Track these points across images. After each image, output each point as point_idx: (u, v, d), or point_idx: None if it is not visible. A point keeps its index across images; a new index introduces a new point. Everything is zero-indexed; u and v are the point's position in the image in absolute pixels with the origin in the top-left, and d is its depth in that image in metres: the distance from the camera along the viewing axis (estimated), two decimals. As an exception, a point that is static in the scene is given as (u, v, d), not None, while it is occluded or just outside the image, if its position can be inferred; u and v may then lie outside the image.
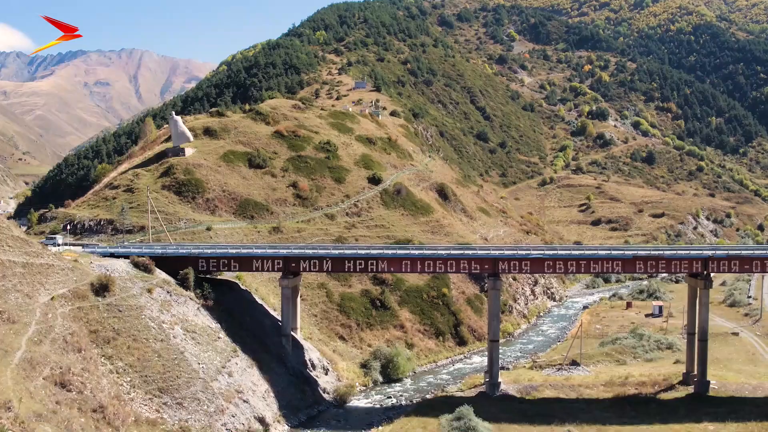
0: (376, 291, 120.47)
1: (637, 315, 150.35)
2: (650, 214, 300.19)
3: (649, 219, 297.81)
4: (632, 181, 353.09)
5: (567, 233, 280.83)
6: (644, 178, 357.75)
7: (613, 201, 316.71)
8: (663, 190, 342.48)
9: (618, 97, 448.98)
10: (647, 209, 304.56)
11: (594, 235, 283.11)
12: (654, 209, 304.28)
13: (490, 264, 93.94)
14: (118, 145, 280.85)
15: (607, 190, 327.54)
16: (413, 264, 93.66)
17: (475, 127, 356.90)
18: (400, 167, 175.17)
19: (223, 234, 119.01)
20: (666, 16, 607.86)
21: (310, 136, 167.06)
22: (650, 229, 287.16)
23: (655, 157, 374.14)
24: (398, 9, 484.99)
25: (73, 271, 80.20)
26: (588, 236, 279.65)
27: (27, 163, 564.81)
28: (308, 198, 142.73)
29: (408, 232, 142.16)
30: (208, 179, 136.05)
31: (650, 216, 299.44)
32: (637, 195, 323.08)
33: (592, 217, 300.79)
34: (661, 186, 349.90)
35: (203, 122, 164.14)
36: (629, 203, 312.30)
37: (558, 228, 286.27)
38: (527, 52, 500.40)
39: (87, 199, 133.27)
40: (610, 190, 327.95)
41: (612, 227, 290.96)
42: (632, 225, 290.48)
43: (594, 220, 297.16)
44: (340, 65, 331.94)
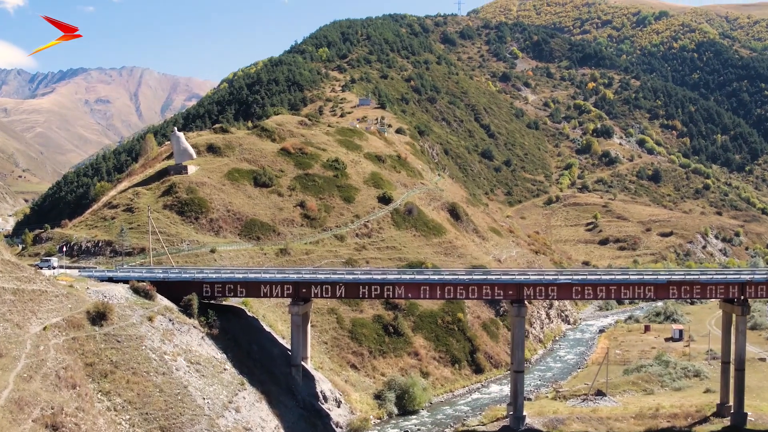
0: (389, 316, 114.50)
1: (656, 339, 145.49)
2: (658, 233, 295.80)
3: (658, 238, 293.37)
4: (639, 200, 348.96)
5: (575, 253, 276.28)
6: (651, 196, 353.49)
7: (620, 220, 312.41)
8: (670, 208, 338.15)
9: (622, 114, 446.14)
10: (655, 228, 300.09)
11: (602, 254, 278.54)
12: (662, 228, 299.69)
13: (514, 290, 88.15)
14: (118, 163, 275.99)
15: (614, 208, 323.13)
16: (432, 290, 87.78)
17: (480, 145, 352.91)
18: (411, 186, 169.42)
19: (228, 256, 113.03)
20: (669, 34, 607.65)
21: (318, 153, 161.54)
22: (659, 248, 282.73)
23: (661, 175, 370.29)
24: (401, 26, 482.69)
25: (68, 298, 74.26)
26: (596, 256, 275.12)
27: (27, 181, 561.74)
28: (316, 218, 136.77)
29: (420, 253, 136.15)
30: (212, 198, 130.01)
31: (658, 235, 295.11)
32: (645, 213, 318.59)
33: (599, 237, 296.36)
34: (668, 204, 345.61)
35: (206, 139, 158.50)
36: (637, 222, 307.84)
37: (565, 247, 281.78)
38: (530, 70, 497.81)
39: (84, 219, 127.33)
40: (617, 208, 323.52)
41: (620, 246, 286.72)
42: (640, 244, 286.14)
43: (602, 240, 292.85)
44: (344, 82, 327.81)
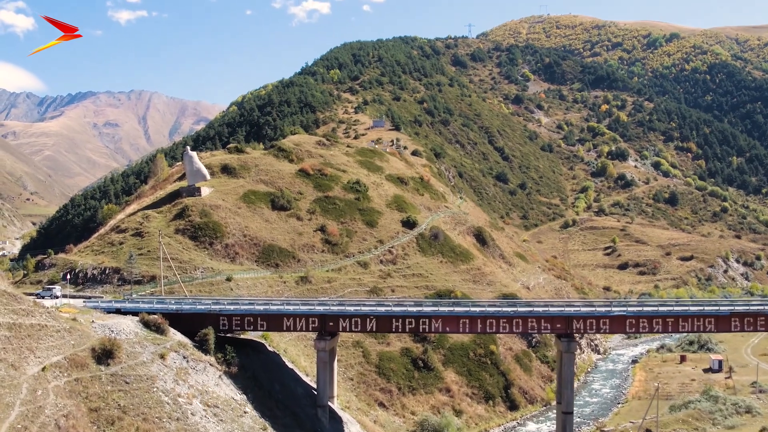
0: (418, 349, 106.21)
1: (694, 370, 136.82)
2: (678, 257, 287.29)
3: (678, 262, 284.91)
4: (657, 223, 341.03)
5: (594, 278, 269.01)
6: (668, 219, 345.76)
7: (638, 244, 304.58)
8: (688, 232, 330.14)
9: (637, 137, 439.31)
10: (675, 252, 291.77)
11: (622, 279, 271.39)
12: (682, 252, 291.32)
13: (563, 323, 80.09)
14: (127, 185, 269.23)
15: (632, 232, 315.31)
16: (473, 324, 79.64)
17: (494, 168, 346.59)
18: (435, 209, 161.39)
19: (246, 285, 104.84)
20: (680, 56, 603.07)
21: (338, 174, 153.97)
22: (680, 272, 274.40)
23: (678, 198, 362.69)
24: (412, 48, 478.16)
25: (71, 333, 66.28)
26: (616, 281, 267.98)
27: (35, 204, 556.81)
28: (338, 243, 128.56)
29: (448, 281, 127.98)
30: (227, 222, 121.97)
31: (678, 259, 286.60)
32: (663, 237, 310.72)
33: (618, 261, 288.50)
34: (686, 228, 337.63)
35: (221, 159, 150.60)
36: (656, 246, 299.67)
37: (584, 272, 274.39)
38: (543, 92, 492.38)
39: (91, 244, 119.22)
40: (635, 232, 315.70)
41: (640, 271, 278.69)
42: (661, 269, 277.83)
43: (621, 264, 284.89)
44: (356, 104, 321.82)
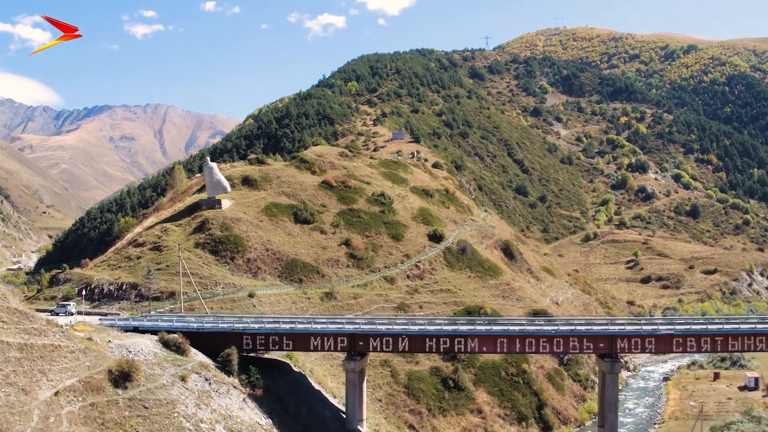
0: (448, 369, 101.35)
1: (729, 388, 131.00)
2: (702, 271, 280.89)
3: (701, 276, 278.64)
4: (678, 236, 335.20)
5: (617, 292, 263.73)
6: (690, 232, 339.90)
7: (661, 257, 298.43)
8: (710, 245, 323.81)
9: (656, 149, 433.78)
10: (698, 265, 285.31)
11: (645, 293, 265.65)
12: (705, 265, 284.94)
13: (606, 342, 75.50)
14: (143, 198, 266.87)
15: (654, 245, 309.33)
16: (511, 343, 75.05)
17: (514, 181, 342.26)
18: (461, 222, 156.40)
19: (268, 301, 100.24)
20: (698, 68, 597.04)
21: (362, 187, 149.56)
22: (704, 286, 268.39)
23: (700, 211, 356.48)
24: (429, 60, 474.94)
25: (86, 354, 62.13)
26: (639, 295, 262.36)
27: (51, 217, 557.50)
28: (363, 258, 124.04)
29: (477, 297, 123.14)
30: (249, 236, 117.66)
31: (702, 272, 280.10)
32: (686, 250, 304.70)
33: (641, 275, 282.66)
34: (708, 241, 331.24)
35: (241, 170, 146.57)
36: (678, 259, 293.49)
37: (606, 286, 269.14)
38: (561, 104, 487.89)
39: (107, 258, 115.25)
40: (657, 245, 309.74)
41: (663, 285, 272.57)
42: (684, 282, 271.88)
43: (644, 278, 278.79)
44: (374, 116, 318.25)
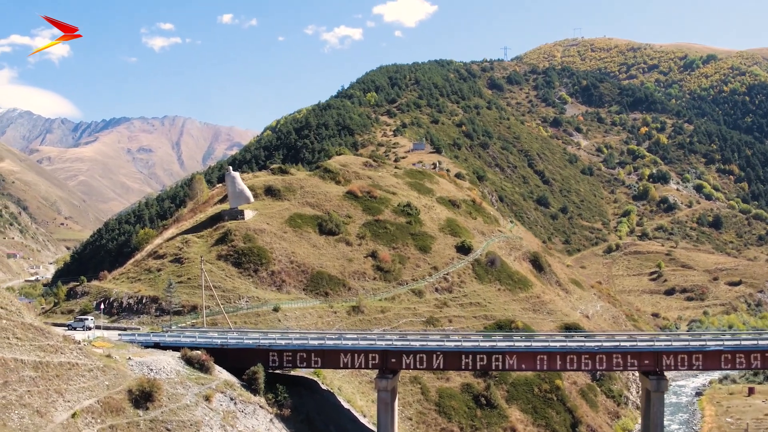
0: (480, 385, 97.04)
1: (765, 404, 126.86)
2: (726, 282, 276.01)
3: (726, 287, 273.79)
4: (701, 247, 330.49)
5: (641, 304, 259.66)
6: (713, 243, 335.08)
7: (684, 268, 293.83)
8: (734, 256, 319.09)
9: (677, 159, 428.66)
10: (722, 277, 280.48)
11: (669, 305, 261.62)
12: (729, 277, 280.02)
13: (651, 359, 71.47)
14: (162, 210, 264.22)
15: (678, 257, 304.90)
16: (551, 360, 70.99)
17: (535, 192, 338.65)
18: (488, 234, 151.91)
19: (294, 316, 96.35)
20: (718, 77, 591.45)
21: (387, 197, 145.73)
22: (728, 298, 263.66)
23: (722, 222, 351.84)
24: (448, 71, 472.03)
25: (105, 373, 58.61)
26: (663, 307, 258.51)
27: (69, 228, 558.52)
28: (390, 270, 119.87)
29: (507, 310, 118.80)
30: (273, 248, 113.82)
31: (726, 284, 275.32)
32: (710, 262, 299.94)
33: (664, 286, 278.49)
34: (731, 252, 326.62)
35: (264, 180, 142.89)
36: (702, 271, 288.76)
37: (630, 298, 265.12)
38: (581, 115, 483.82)
39: (126, 271, 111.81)
40: (680, 257, 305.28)
41: (687, 297, 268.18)
42: (708, 294, 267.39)
43: (667, 290, 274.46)
44: (394, 127, 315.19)
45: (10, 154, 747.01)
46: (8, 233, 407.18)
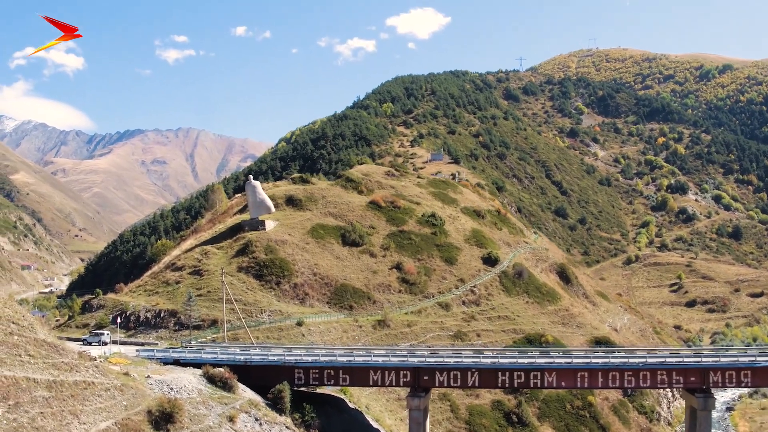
0: (510, 402, 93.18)
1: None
2: (748, 294, 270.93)
3: (748, 299, 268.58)
4: (722, 258, 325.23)
5: (662, 316, 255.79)
6: (733, 254, 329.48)
7: (705, 280, 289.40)
8: (754, 267, 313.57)
9: (695, 170, 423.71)
10: (744, 288, 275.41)
11: (691, 317, 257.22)
12: (751, 288, 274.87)
13: (697, 376, 67.91)
14: (177, 221, 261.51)
15: (698, 268, 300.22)
16: (592, 377, 67.16)
17: (553, 203, 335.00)
18: (514, 245, 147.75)
19: (318, 330, 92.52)
20: (734, 87, 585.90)
21: (411, 207, 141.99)
22: (751, 309, 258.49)
23: (742, 233, 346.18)
24: (464, 82, 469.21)
25: (123, 392, 55.15)
26: (685, 319, 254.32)
27: (83, 240, 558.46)
28: (416, 283, 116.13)
29: (536, 324, 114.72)
30: (295, 259, 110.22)
31: (748, 296, 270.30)
32: (731, 273, 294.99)
33: (685, 298, 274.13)
34: (752, 263, 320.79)
35: (285, 190, 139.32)
36: (723, 282, 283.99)
37: (650, 310, 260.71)
38: (597, 125, 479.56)
39: (143, 283, 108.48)
40: (700, 268, 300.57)
41: (709, 309, 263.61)
42: (730, 306, 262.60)
43: (688, 301, 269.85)
44: (411, 137, 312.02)
45: (24, 166, 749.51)
46: (23, 245, 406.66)
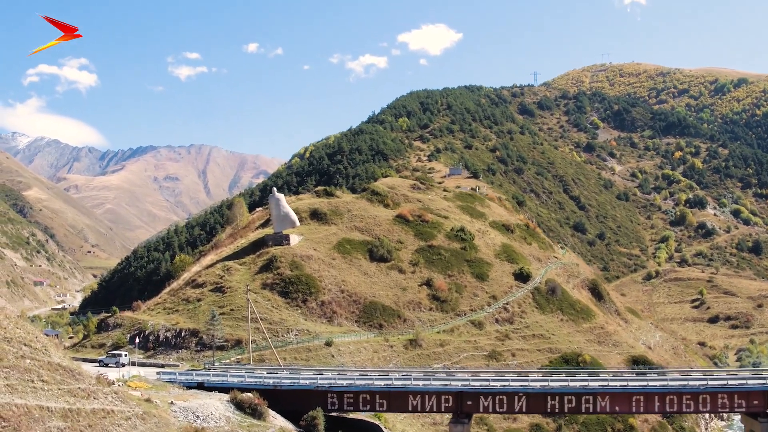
0: (549, 426, 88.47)
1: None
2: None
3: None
4: (743, 273, 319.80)
5: (685, 332, 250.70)
6: (754, 269, 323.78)
7: (727, 295, 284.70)
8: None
9: (713, 184, 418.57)
10: (766, 304, 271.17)
11: (714, 333, 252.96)
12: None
13: (761, 399, 63.21)
14: (191, 237, 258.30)
15: (720, 283, 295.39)
16: (648, 402, 62.57)
17: (571, 218, 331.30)
18: (544, 260, 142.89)
19: (348, 350, 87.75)
20: (750, 101, 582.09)
21: (439, 221, 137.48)
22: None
23: (762, 247, 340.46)
24: (479, 96, 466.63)
25: (145, 421, 50.63)
26: (708, 335, 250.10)
27: (96, 256, 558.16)
28: (447, 300, 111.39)
29: (572, 342, 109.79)
30: (322, 276, 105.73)
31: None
32: (753, 288, 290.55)
33: (707, 314, 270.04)
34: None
35: (309, 203, 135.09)
36: (746, 297, 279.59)
37: (673, 326, 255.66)
38: (613, 140, 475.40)
39: (162, 301, 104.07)
40: (722, 283, 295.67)
41: (732, 325, 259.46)
42: (754, 322, 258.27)
43: (711, 317, 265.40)
44: (428, 152, 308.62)
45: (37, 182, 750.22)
46: (35, 261, 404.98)
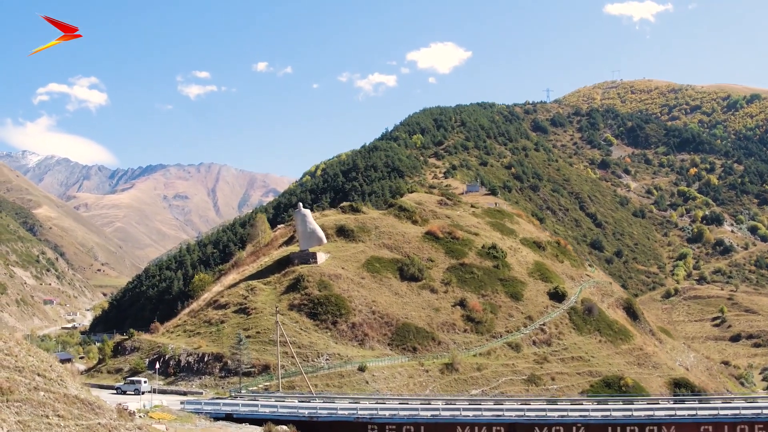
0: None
1: None
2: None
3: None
4: (763, 291, 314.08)
5: (707, 351, 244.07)
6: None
7: (748, 313, 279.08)
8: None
9: (730, 200, 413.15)
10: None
11: (736, 352, 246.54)
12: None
13: None
14: (204, 255, 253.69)
15: (740, 301, 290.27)
16: (719, 434, 57.04)
17: (588, 235, 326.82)
18: (577, 278, 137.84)
19: (382, 376, 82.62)
20: (763, 117, 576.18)
21: (470, 238, 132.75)
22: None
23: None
24: (492, 113, 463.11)
25: (175, 458, 45.84)
26: (730, 354, 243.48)
27: (105, 274, 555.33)
28: (482, 321, 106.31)
29: (612, 365, 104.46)
30: (351, 296, 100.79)
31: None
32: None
33: (729, 332, 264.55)
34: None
35: (334, 220, 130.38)
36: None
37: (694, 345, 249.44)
38: (628, 156, 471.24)
39: (182, 323, 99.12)
40: (743, 301, 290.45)
41: (754, 343, 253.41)
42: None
43: (732, 336, 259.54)
44: (444, 169, 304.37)
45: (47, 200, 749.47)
46: (45, 279, 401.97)
